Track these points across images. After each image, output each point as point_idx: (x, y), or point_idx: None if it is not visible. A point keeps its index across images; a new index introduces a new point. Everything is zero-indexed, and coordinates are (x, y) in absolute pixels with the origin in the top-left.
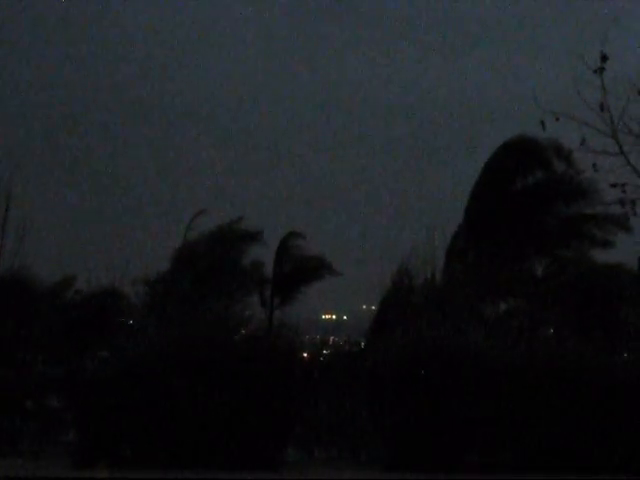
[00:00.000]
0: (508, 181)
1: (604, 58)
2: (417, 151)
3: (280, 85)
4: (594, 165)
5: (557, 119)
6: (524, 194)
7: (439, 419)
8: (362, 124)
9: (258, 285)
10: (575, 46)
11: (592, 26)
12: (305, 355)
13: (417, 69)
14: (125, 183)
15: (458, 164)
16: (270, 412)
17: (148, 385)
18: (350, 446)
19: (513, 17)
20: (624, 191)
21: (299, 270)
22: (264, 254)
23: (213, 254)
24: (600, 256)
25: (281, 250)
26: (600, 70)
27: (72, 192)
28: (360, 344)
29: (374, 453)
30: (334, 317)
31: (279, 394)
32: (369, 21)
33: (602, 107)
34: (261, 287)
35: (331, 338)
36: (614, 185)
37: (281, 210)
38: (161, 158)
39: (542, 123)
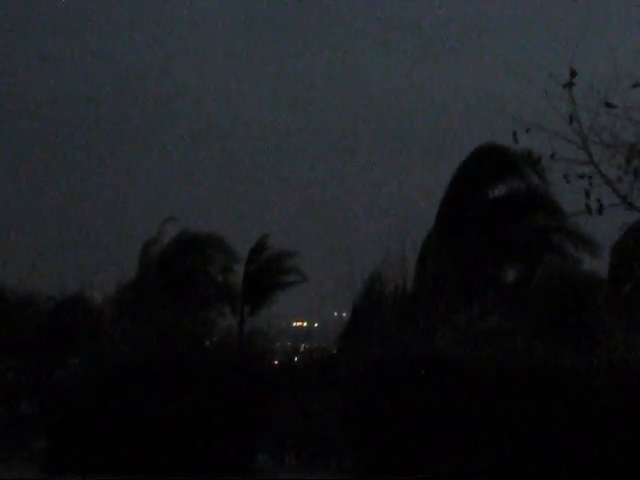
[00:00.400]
0: (479, 188)
1: (573, 74)
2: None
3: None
4: (565, 176)
5: (527, 130)
6: (495, 202)
7: (407, 426)
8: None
9: (228, 293)
10: (547, 58)
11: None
12: (276, 362)
13: (388, 72)
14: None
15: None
16: (240, 418)
17: (118, 393)
18: (320, 452)
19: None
20: (590, 183)
21: (268, 275)
22: (234, 262)
23: (183, 261)
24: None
25: (251, 257)
26: (569, 85)
27: (39, 198)
28: (331, 351)
29: (344, 459)
30: (305, 324)
31: (249, 401)
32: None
33: (571, 119)
34: (231, 295)
35: (302, 345)
36: (582, 176)
37: (249, 217)
38: (131, 163)
39: (514, 135)
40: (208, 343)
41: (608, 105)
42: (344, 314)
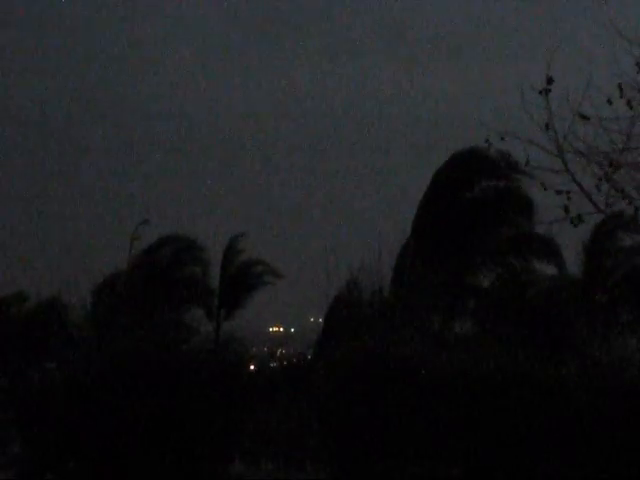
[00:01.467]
0: (456, 191)
1: (549, 80)
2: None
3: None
4: (542, 184)
5: (502, 138)
6: (472, 206)
7: (383, 430)
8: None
9: (204, 297)
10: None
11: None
12: (252, 367)
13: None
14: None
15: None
16: (215, 424)
17: (93, 397)
18: (297, 457)
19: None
20: (569, 198)
21: (244, 276)
22: (209, 265)
23: (157, 265)
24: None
25: (226, 259)
26: (546, 91)
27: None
28: (307, 357)
29: (321, 464)
30: (282, 329)
31: (224, 406)
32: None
33: (547, 126)
34: (206, 299)
35: (279, 350)
36: (559, 192)
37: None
38: (108, 165)
39: (487, 141)
40: (183, 347)
41: (582, 117)
42: (320, 320)
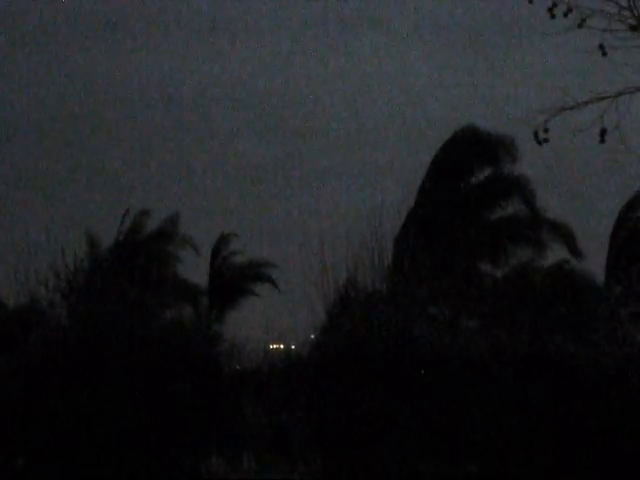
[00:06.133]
0: (457, 177)
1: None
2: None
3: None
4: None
5: None
6: (473, 190)
7: (383, 423)
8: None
9: (192, 294)
10: None
11: None
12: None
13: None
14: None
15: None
16: (191, 420)
17: (55, 390)
18: (282, 455)
19: None
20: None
21: (236, 277)
22: (198, 263)
23: (141, 260)
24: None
25: (215, 257)
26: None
27: None
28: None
29: (306, 462)
30: (282, 346)
31: (202, 402)
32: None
33: None
34: (195, 296)
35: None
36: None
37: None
38: (86, 155)
39: None
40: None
41: None
42: None
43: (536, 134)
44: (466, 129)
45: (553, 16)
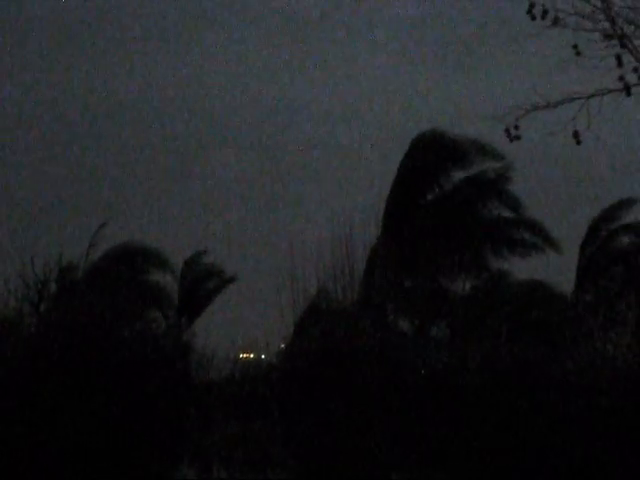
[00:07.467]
0: (425, 183)
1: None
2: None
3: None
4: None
5: None
6: (443, 198)
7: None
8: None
9: (162, 304)
10: None
11: None
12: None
13: None
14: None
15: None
16: (162, 429)
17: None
18: (254, 464)
19: None
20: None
21: (204, 283)
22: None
23: (114, 271)
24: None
25: (186, 269)
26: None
27: None
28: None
29: (280, 472)
30: (252, 356)
31: (172, 411)
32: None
33: None
34: (164, 306)
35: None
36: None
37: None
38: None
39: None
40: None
41: None
42: None
43: (508, 131)
44: (428, 133)
45: (534, 17)
